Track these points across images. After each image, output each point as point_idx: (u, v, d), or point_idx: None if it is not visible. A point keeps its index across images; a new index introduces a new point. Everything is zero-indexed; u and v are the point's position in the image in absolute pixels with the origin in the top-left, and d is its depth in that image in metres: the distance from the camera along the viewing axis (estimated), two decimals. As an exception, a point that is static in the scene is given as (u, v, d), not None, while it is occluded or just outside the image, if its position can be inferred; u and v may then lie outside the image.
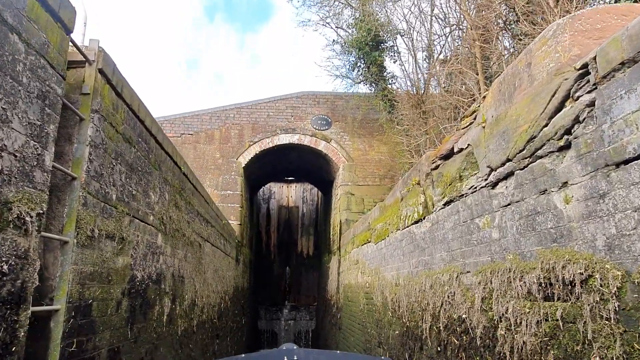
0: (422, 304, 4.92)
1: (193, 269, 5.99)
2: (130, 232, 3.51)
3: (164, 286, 4.50)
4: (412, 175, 5.69)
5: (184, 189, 5.40)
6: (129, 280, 3.52)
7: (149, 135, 3.96)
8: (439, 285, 4.40)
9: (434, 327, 4.52)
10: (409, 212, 5.62)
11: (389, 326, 6.49)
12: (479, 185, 3.57)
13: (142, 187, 3.76)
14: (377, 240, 7.61)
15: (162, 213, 4.39)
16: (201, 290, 6.54)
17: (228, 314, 9.85)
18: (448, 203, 4.29)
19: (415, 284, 5.26)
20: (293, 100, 14.54)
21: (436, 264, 4.57)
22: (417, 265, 5.26)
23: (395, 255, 6.31)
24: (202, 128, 14.07)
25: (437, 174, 4.65)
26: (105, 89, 2.97)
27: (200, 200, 6.46)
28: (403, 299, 5.72)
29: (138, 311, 3.72)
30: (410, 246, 5.55)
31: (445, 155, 4.44)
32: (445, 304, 4.19)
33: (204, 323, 6.81)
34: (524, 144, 2.85)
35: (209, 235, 7.25)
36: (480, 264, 3.51)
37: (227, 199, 13.33)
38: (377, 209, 7.76)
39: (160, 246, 4.36)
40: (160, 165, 4.33)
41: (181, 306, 5.29)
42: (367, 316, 8.17)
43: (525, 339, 2.79)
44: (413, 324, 5.25)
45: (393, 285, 6.33)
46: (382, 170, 13.86)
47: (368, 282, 8.23)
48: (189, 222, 5.69)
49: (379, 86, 11.61)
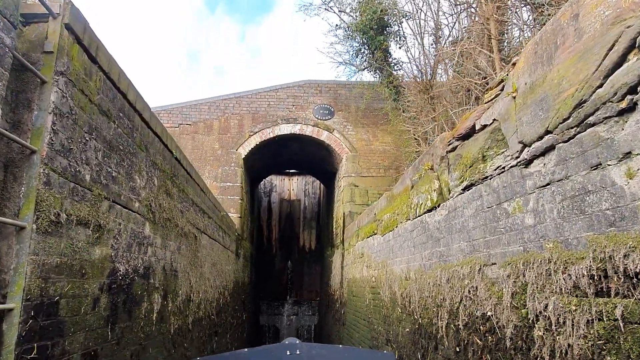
0: (437, 299, 4.49)
1: (188, 263, 5.57)
2: (110, 219, 3.08)
3: (153, 281, 4.07)
4: (424, 160, 5.25)
5: (176, 175, 4.96)
6: (109, 274, 3.09)
7: (133, 112, 3.51)
8: (457, 279, 3.96)
9: (451, 325, 4.09)
10: (421, 200, 5.18)
11: (398, 323, 6.07)
12: (508, 165, 3.12)
13: (124, 169, 3.32)
14: (384, 232, 7.17)
15: (150, 200, 3.95)
16: (197, 285, 6.12)
17: (228, 309, 9.45)
18: (468, 188, 3.84)
19: (428, 278, 4.83)
20: (294, 89, 14.06)
21: (453, 256, 4.13)
22: (430, 257, 4.83)
23: (405, 247, 5.87)
24: (200, 118, 13.63)
25: (455, 157, 4.20)
26: (74, 50, 2.52)
27: (195, 188, 6.02)
28: (414, 294, 5.29)
29: (121, 309, 3.30)
30: (423, 237, 5.11)
31: (464, 135, 3.99)
32: (465, 299, 3.76)
33: (200, 320, 6.40)
34: (570, 110, 2.40)
35: (206, 227, 6.83)
36: (510, 255, 3.07)
37: (227, 191, 12.91)
38: (384, 199, 7.32)
39: (149, 236, 3.93)
40: (147, 147, 3.89)
41: (174, 302, 4.88)
42: (373, 312, 7.76)
43: (572, 341, 2.35)
44: (426, 321, 4.83)
45: (402, 280, 5.91)
46: (386, 161, 13.40)
47: (374, 276, 7.81)
48: (183, 211, 5.26)
49: (383, 73, 11.13)
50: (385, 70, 11.08)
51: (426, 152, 5.23)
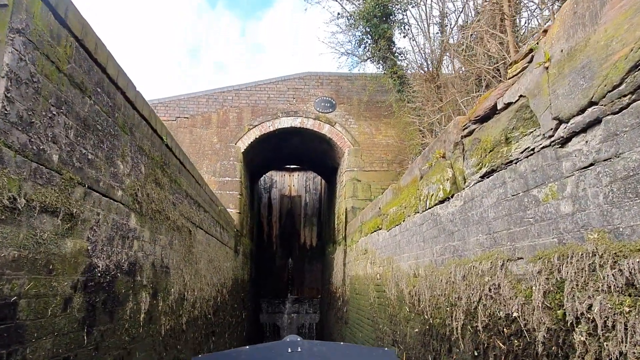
0: (450, 298, 4.12)
1: (181, 259, 5.20)
2: (86, 208, 2.71)
3: (140, 278, 3.71)
4: (434, 148, 4.87)
5: (168, 164, 4.59)
6: (86, 271, 2.72)
7: (114, 88, 3.13)
8: (475, 275, 3.59)
9: (468, 326, 3.72)
10: (432, 190, 4.80)
11: (405, 323, 5.71)
12: (539, 146, 2.74)
13: (103, 153, 2.95)
14: (389, 227, 6.80)
15: (137, 189, 3.58)
16: (192, 283, 5.76)
17: (226, 308, 9.10)
18: (488, 174, 3.46)
19: (440, 275, 4.46)
20: (295, 82, 13.67)
21: (470, 250, 3.76)
22: (442, 252, 4.46)
23: (414, 242, 5.50)
24: (198, 111, 13.24)
25: (471, 141, 3.82)
26: (36, 6, 2.14)
27: (189, 180, 5.65)
28: (424, 292, 4.92)
29: (100, 310, 2.93)
30: (434, 230, 4.74)
31: (482, 117, 3.61)
32: (485, 298, 3.39)
33: (196, 319, 6.04)
34: (622, 76, 2.02)
35: (202, 222, 6.46)
36: (541, 248, 2.70)
37: (226, 186, 12.54)
38: (390, 192, 6.94)
39: (134, 229, 3.56)
40: (132, 130, 3.51)
41: (165, 301, 4.51)
42: (378, 311, 7.39)
43: (625, 349, 1.98)
44: (438, 321, 4.46)
45: (411, 277, 5.54)
46: (390, 155, 13.02)
47: (379, 274, 7.44)
48: (175, 203, 4.89)
49: (387, 63, 10.72)
50: (389, 60, 10.68)
51: (437, 139, 4.85)
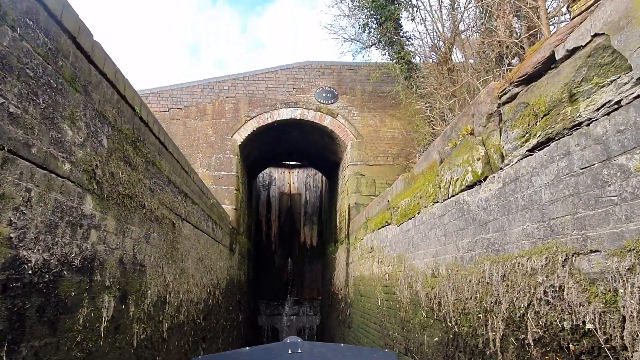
0: (484, 302, 3.37)
1: (162, 255, 4.46)
2: (6, 180, 1.97)
3: (100, 277, 2.96)
4: (459, 125, 4.13)
5: (143, 142, 3.84)
6: (7, 267, 1.98)
7: (57, 27, 2.39)
8: (521, 274, 2.85)
9: (510, 338, 2.97)
10: (456, 174, 4.06)
11: (421, 330, 4.97)
12: (629, 96, 2.00)
13: (38, 109, 2.21)
14: (400, 221, 6.06)
15: (94, 165, 2.84)
16: (176, 284, 5.01)
17: (219, 311, 8.35)
18: (540, 146, 2.72)
19: (468, 274, 3.72)
20: (295, 71, 12.94)
21: (513, 244, 3.02)
22: (471, 247, 3.71)
23: (431, 236, 4.76)
24: (192, 102, 12.51)
25: (514, 108, 3.09)
26: None
27: (173, 165, 4.91)
28: (446, 295, 4.18)
29: (34, 319, 2.19)
30: (459, 222, 4.00)
31: (531, 75, 2.87)
32: (538, 304, 2.65)
33: (181, 325, 5.30)
34: None
35: (190, 215, 5.72)
36: (631, 236, 1.96)
37: (221, 180, 11.80)
38: (401, 182, 6.20)
39: (91, 216, 2.82)
40: (87, 89, 2.77)
41: (139, 306, 3.77)
42: (387, 315, 6.65)
43: None
44: (466, 329, 3.72)
45: (428, 277, 4.80)
46: (395, 148, 12.29)
47: (388, 274, 6.70)
48: (154, 190, 4.15)
49: (394, 48, 9.99)
50: (396, 45, 9.94)
51: (463, 114, 4.11)
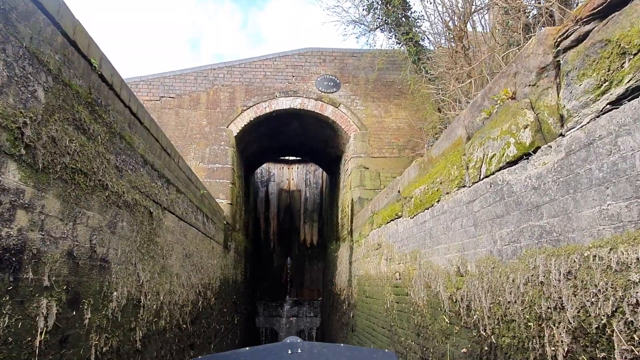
0: (536, 307, 2.63)
1: (134, 249, 3.71)
2: None
3: (33, 275, 2.22)
4: (495, 89, 3.38)
5: (106, 107, 3.10)
6: None
7: None
8: (600, 271, 2.10)
9: (581, 356, 2.23)
10: (493, 149, 3.31)
11: (443, 338, 4.22)
12: None
13: None
14: (414, 212, 5.32)
15: (22, 122, 2.10)
16: (154, 283, 4.26)
17: (212, 313, 7.61)
18: (631, 95, 1.98)
19: (510, 272, 2.98)
20: (294, 58, 12.19)
21: (584, 230, 2.27)
22: (514, 237, 2.97)
23: (456, 227, 4.02)
24: (185, 90, 11.76)
25: (583, 53, 2.34)
26: None
27: (151, 144, 4.17)
28: (479, 298, 3.44)
29: None
30: (496, 207, 3.25)
31: (610, 4, 2.13)
32: (633, 311, 1.91)
33: (162, 332, 4.55)
34: None
35: (174, 204, 4.97)
36: None
37: (216, 173, 11.05)
38: (415, 168, 5.46)
39: (17, 191, 2.08)
40: (10, 16, 2.02)
41: (100, 311, 3.02)
42: (398, 318, 5.91)
43: None
44: (509, 341, 2.97)
45: (451, 275, 4.05)
46: (401, 140, 11.55)
47: (399, 272, 5.96)
48: (122, 169, 3.41)
49: (401, 29, 9.25)
50: (404, 25, 9.20)
51: (500, 75, 3.35)
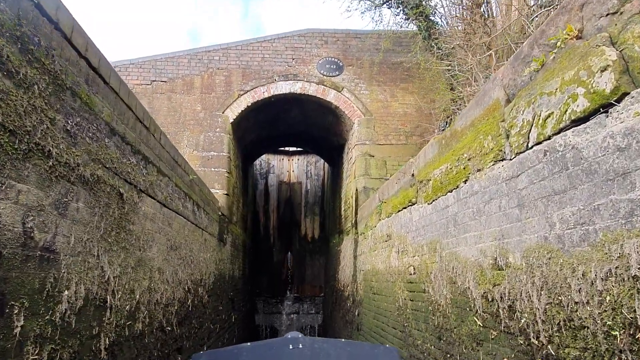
0: (622, 311, 1.93)
1: (97, 237, 3.00)
2: None
3: None
4: (551, 30, 2.65)
5: (49, 51, 2.37)
6: None
7: None
8: None
9: None
10: (549, 107, 2.59)
11: (473, 344, 3.52)
12: None
13: None
14: (432, 197, 4.61)
15: None
16: (127, 279, 3.55)
17: (204, 312, 6.91)
18: None
19: (577, 263, 2.26)
20: (294, 40, 11.44)
21: None
22: (583, 218, 2.25)
23: (491, 211, 3.30)
24: (178, 74, 11.03)
25: None
26: None
27: (121, 111, 3.45)
28: (527, 296, 2.72)
29: None
30: (555, 180, 2.53)
31: None
32: None
33: (139, 337, 3.85)
34: None
35: (154, 187, 4.26)
36: None
37: (210, 162, 10.34)
38: (434, 145, 4.73)
39: None
40: None
41: (42, 316, 2.32)
42: (412, 318, 5.21)
43: None
44: (577, 354, 2.26)
45: (485, 269, 3.34)
46: (408, 126, 10.82)
47: (413, 266, 5.25)
48: (76, 136, 2.69)
49: (411, 2, 8.51)
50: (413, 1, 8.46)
51: (559, 12, 2.62)
